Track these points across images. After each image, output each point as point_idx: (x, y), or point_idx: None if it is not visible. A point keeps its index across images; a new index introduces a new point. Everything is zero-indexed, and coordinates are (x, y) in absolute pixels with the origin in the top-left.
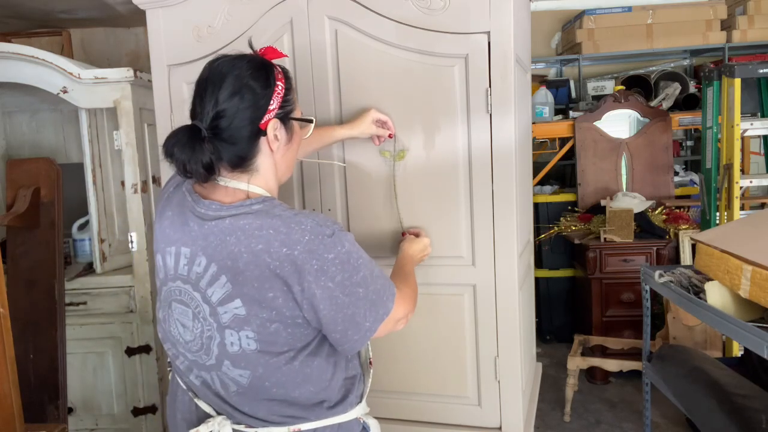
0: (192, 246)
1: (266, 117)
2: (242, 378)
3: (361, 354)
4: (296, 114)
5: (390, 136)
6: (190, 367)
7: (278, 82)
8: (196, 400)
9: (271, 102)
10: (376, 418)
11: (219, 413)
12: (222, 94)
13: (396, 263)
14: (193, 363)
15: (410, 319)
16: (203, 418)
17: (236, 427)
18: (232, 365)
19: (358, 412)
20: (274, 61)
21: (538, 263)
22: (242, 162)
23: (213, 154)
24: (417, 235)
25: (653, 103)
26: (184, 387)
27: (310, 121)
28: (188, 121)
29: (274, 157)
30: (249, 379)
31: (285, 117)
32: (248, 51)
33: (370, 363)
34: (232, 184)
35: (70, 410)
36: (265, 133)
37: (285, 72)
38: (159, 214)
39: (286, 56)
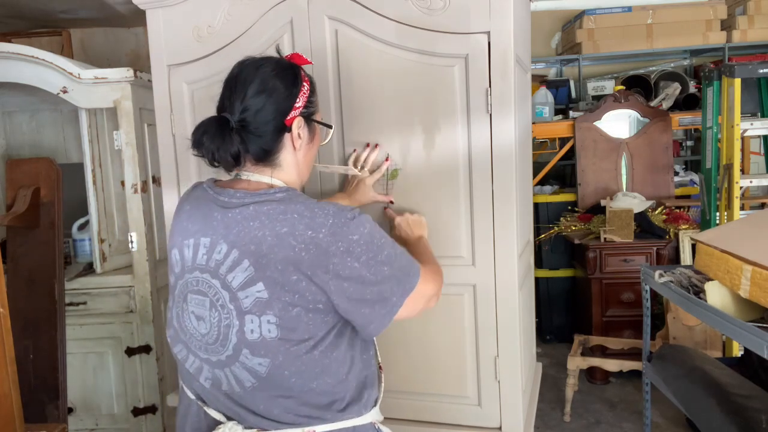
0: (212, 235)
1: (292, 114)
2: (261, 367)
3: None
4: (317, 118)
5: (391, 202)
6: (201, 367)
7: (304, 83)
8: (205, 408)
9: (297, 100)
10: None
11: (230, 419)
12: (251, 89)
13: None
14: (204, 362)
15: (409, 320)
16: (213, 426)
17: (248, 431)
18: (251, 353)
19: (373, 416)
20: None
21: (538, 263)
22: (267, 155)
23: (241, 144)
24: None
25: (653, 103)
26: (193, 397)
27: (330, 126)
28: (189, 122)
29: (296, 156)
30: (268, 368)
31: (308, 117)
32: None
33: (380, 368)
34: (254, 177)
35: (70, 410)
36: (289, 130)
37: (310, 76)
38: (176, 211)
39: (311, 63)
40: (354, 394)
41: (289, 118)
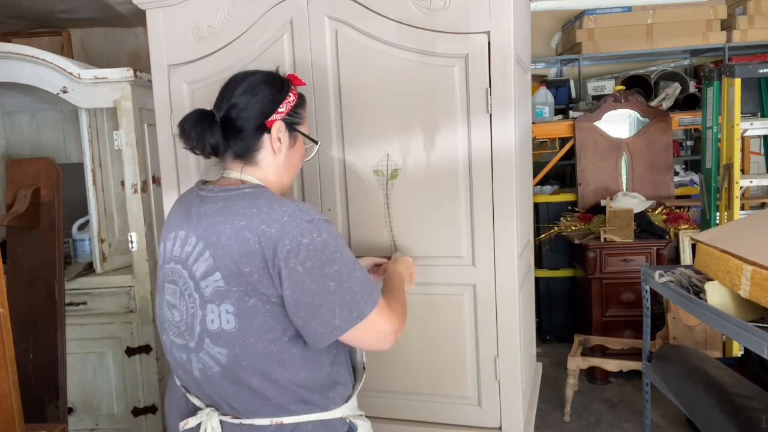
0: (187, 228)
1: (273, 116)
2: (221, 356)
3: (355, 357)
4: (303, 130)
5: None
6: (180, 354)
7: (291, 94)
8: (188, 395)
9: (281, 106)
10: (375, 417)
11: (208, 406)
12: (238, 89)
13: (384, 280)
14: (181, 348)
15: (410, 319)
16: (194, 413)
17: (223, 417)
18: (212, 343)
19: (343, 411)
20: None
21: (538, 263)
22: (246, 152)
23: (221, 137)
24: None
25: (653, 103)
26: (179, 383)
27: (315, 142)
28: None
29: (276, 159)
30: (227, 358)
31: (291, 125)
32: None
33: (364, 368)
34: (234, 175)
35: (70, 410)
36: (269, 131)
37: (300, 95)
38: (170, 209)
39: (305, 84)
40: (319, 390)
41: (269, 119)
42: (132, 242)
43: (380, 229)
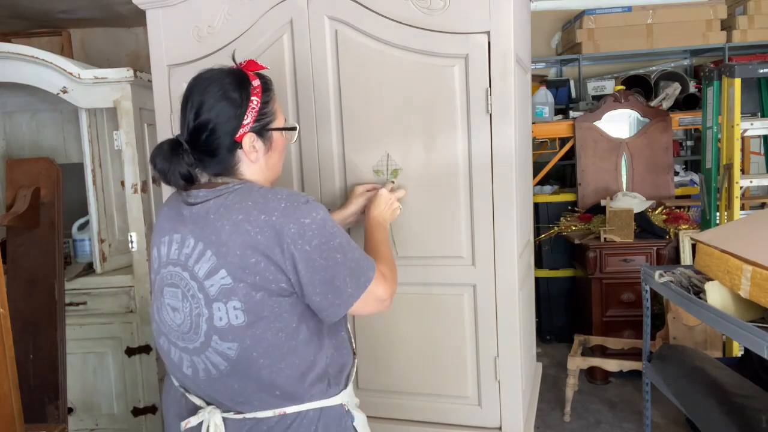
0: (182, 231)
1: (241, 131)
2: (231, 351)
3: (352, 340)
4: (277, 123)
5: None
6: (181, 357)
7: (253, 97)
8: (187, 395)
9: (246, 117)
10: (375, 417)
11: (209, 404)
12: (200, 108)
13: (365, 235)
14: (183, 350)
15: (410, 319)
16: (194, 412)
17: (225, 414)
18: (221, 339)
19: (342, 398)
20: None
21: (538, 263)
22: (224, 171)
23: (191, 165)
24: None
25: (653, 103)
26: (177, 384)
27: (294, 129)
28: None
29: (257, 165)
30: (237, 351)
31: (262, 129)
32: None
33: (354, 353)
34: (217, 180)
35: (70, 410)
36: (241, 146)
37: (264, 84)
38: (158, 213)
39: (267, 68)
40: (323, 375)
41: (238, 135)
42: (132, 242)
43: None
